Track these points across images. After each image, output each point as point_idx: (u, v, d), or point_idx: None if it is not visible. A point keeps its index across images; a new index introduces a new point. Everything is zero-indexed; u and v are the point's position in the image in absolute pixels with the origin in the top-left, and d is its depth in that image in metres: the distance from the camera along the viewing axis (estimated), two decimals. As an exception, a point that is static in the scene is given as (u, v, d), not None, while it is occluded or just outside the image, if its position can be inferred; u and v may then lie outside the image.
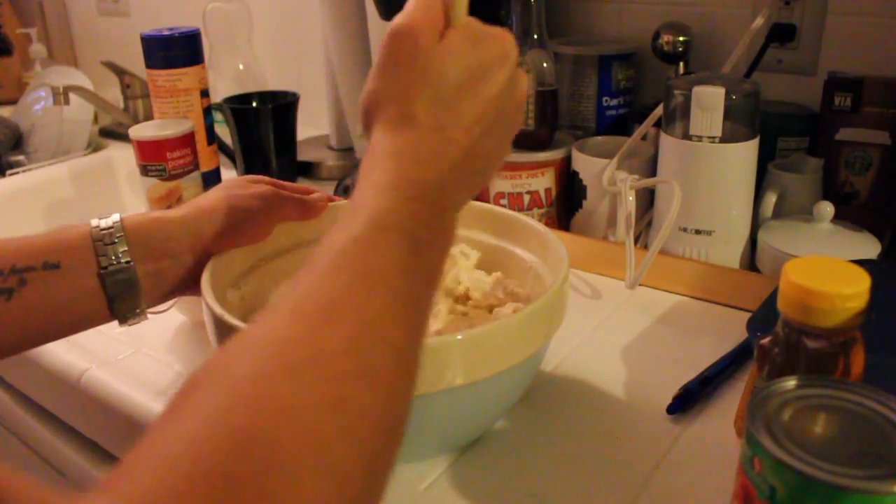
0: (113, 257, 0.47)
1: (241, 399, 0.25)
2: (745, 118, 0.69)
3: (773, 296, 0.43)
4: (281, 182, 0.58)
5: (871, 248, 0.66)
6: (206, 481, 0.22)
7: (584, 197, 0.81)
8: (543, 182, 0.82)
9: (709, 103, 0.67)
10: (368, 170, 0.37)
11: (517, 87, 0.42)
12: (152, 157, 0.80)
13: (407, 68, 0.38)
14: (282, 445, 0.24)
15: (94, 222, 0.48)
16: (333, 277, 0.31)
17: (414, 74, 0.38)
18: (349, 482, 0.26)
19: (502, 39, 0.41)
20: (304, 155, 1.08)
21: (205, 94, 0.91)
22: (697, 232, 0.72)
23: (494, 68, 0.40)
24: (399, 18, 0.39)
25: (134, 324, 0.50)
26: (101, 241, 0.47)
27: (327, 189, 0.64)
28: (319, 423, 0.26)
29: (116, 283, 0.48)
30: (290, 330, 0.29)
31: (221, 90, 1.11)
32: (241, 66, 1.18)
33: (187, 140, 0.82)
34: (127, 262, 0.48)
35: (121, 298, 0.48)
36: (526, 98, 0.44)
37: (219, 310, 0.46)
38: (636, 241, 0.76)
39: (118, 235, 0.48)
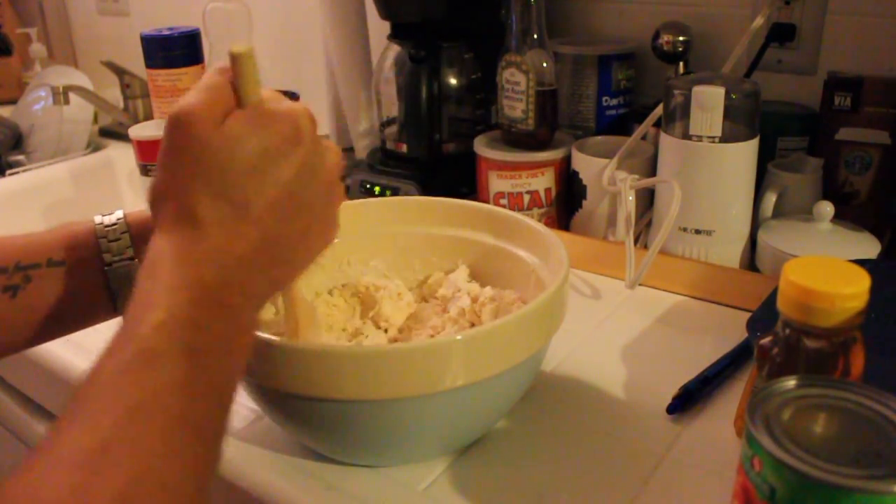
0: (116, 253, 0.47)
1: None
2: (745, 118, 0.69)
3: (773, 296, 0.43)
4: None
5: (871, 248, 0.66)
6: None
7: (584, 197, 0.81)
8: (543, 182, 0.82)
9: (709, 103, 0.67)
10: (145, 276, 0.35)
11: (321, 164, 0.39)
12: (152, 157, 0.80)
13: (182, 159, 0.36)
14: None
15: (98, 219, 0.48)
16: (102, 415, 0.29)
17: (191, 166, 0.35)
18: None
19: (293, 117, 0.38)
20: (304, 155, 1.07)
21: (205, 94, 0.91)
22: (697, 232, 0.72)
23: (284, 150, 0.37)
24: (177, 103, 0.36)
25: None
26: (105, 238, 0.47)
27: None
28: None
29: (121, 280, 0.48)
30: (52, 487, 0.26)
31: (221, 90, 1.10)
32: (241, 66, 1.17)
33: (187, 140, 0.82)
34: (131, 259, 0.48)
35: (125, 294, 0.48)
36: (338, 171, 0.41)
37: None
38: (636, 241, 0.76)
39: (122, 232, 0.48)
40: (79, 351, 0.64)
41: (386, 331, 0.59)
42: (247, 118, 0.37)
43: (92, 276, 0.47)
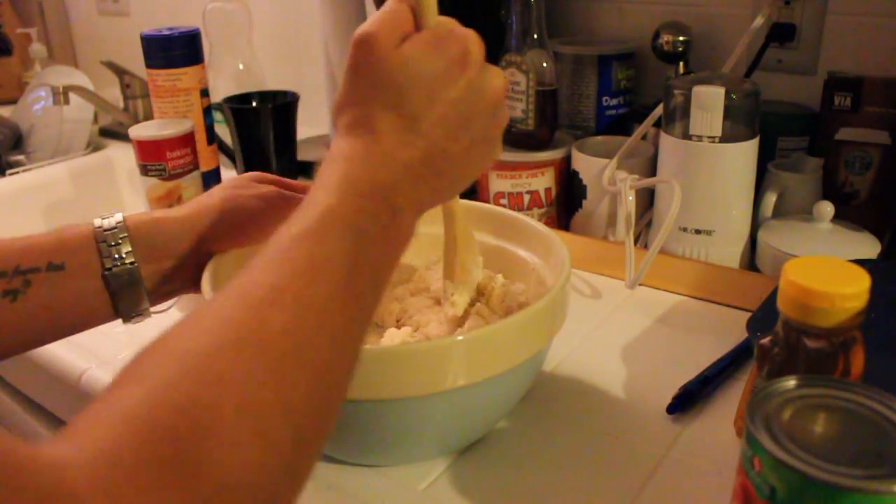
0: (116, 257, 0.47)
1: (187, 370, 0.28)
2: (745, 118, 0.69)
3: (773, 296, 0.43)
4: (284, 180, 0.58)
5: (871, 248, 0.66)
6: (154, 439, 0.25)
7: (584, 197, 0.81)
8: (543, 182, 0.82)
9: (709, 103, 0.67)
10: (322, 172, 0.39)
11: (487, 86, 0.42)
12: (152, 157, 0.80)
13: (363, 75, 0.40)
14: (222, 412, 0.27)
15: (98, 222, 0.48)
16: (279, 267, 0.33)
17: (369, 81, 0.39)
18: (279, 449, 0.29)
19: (464, 41, 0.41)
20: (304, 155, 1.07)
21: (205, 93, 0.91)
22: (697, 232, 0.72)
23: (454, 71, 0.40)
24: (362, 26, 0.40)
25: (137, 322, 0.50)
26: (104, 242, 0.47)
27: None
28: (256, 395, 0.28)
29: (120, 283, 0.48)
30: (235, 310, 0.31)
31: (221, 90, 1.11)
32: (241, 66, 1.18)
33: (187, 140, 0.82)
34: (131, 262, 0.48)
35: (124, 298, 0.48)
36: (503, 94, 0.44)
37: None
38: (636, 240, 0.76)
39: (121, 236, 0.48)
40: (79, 351, 0.64)
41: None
42: (422, 41, 0.40)
43: (92, 279, 0.47)
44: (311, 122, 1.15)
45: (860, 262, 0.40)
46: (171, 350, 0.29)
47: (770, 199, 0.73)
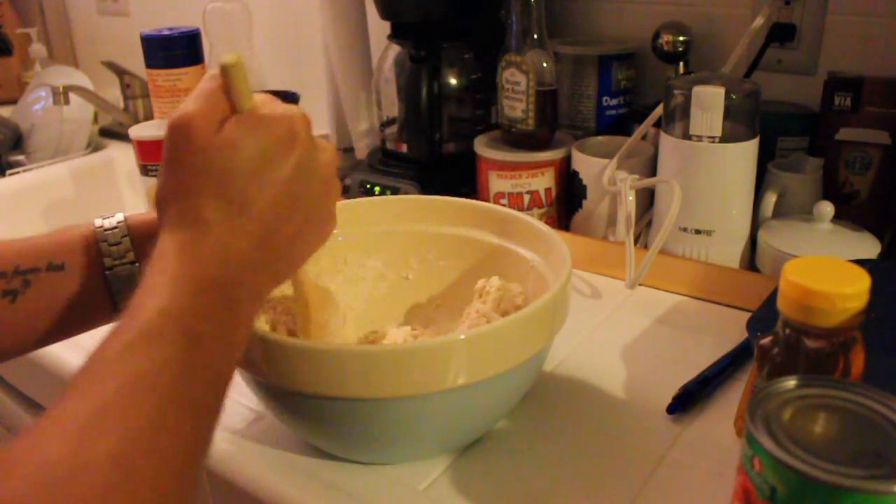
0: (117, 257, 0.47)
1: None
2: (745, 118, 0.69)
3: (773, 296, 0.43)
4: None
5: (871, 248, 0.66)
6: None
7: (584, 197, 0.81)
8: (543, 182, 0.82)
9: (709, 103, 0.67)
10: (150, 272, 0.36)
11: (316, 163, 0.41)
12: (152, 157, 0.80)
13: (184, 164, 0.38)
14: None
15: (98, 222, 0.48)
16: (102, 386, 0.30)
17: (192, 168, 0.37)
18: None
19: (288, 120, 0.40)
20: (304, 155, 1.07)
21: (205, 93, 0.91)
22: (697, 232, 0.72)
23: (281, 152, 0.39)
24: (176, 112, 0.38)
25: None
26: (105, 242, 0.47)
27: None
28: None
29: (121, 283, 0.48)
30: (52, 445, 0.28)
31: (221, 90, 1.11)
32: (241, 66, 1.18)
33: (187, 140, 0.82)
34: (131, 262, 0.48)
35: (125, 298, 0.48)
36: (333, 168, 0.43)
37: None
38: (636, 241, 0.76)
39: (122, 235, 0.48)
40: (79, 351, 0.64)
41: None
42: (243, 123, 0.39)
43: (92, 279, 0.47)
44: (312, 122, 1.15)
45: (860, 262, 0.40)
46: None
47: (770, 199, 0.73)
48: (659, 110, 0.75)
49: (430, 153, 0.88)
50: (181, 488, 0.31)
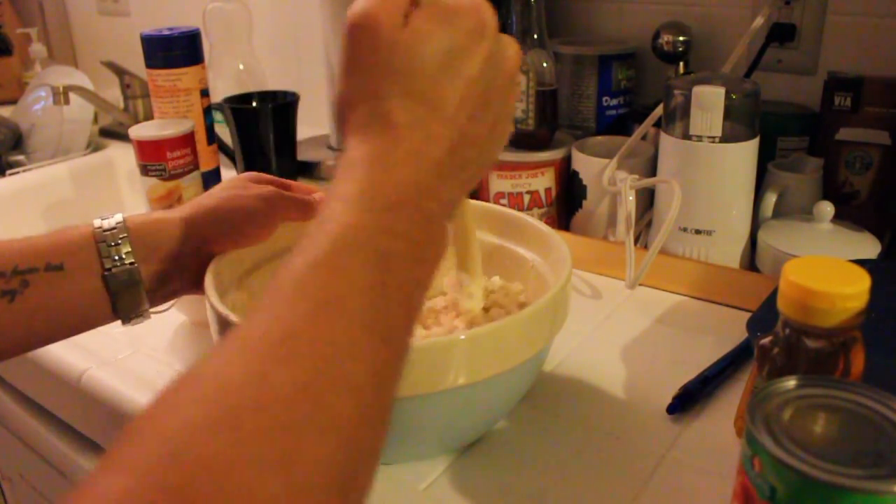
0: (116, 258, 0.47)
1: (176, 452, 0.23)
2: (745, 118, 0.69)
3: (773, 296, 0.43)
4: (283, 181, 0.58)
5: (871, 248, 0.66)
6: None
7: (584, 197, 0.81)
8: (543, 182, 0.82)
9: (709, 103, 0.67)
10: (338, 180, 0.34)
11: (504, 57, 0.38)
12: (152, 157, 0.80)
13: (371, 63, 0.35)
14: None
15: (97, 223, 0.48)
16: (290, 308, 0.29)
17: (380, 68, 0.35)
18: None
19: (476, 10, 0.36)
20: (304, 155, 1.07)
21: (205, 93, 0.91)
22: (697, 232, 0.72)
23: (471, 44, 0.36)
24: (356, 7, 0.35)
25: (137, 323, 0.50)
26: (104, 242, 0.47)
27: (328, 189, 0.64)
28: (262, 482, 0.23)
29: (120, 284, 0.47)
30: (236, 369, 0.26)
31: (221, 90, 1.11)
32: (241, 66, 1.18)
33: (187, 140, 0.82)
34: (130, 264, 0.48)
35: (124, 299, 0.48)
36: (518, 64, 0.39)
37: (223, 310, 0.46)
38: (636, 241, 0.76)
39: (121, 236, 0.48)
40: (79, 351, 0.64)
41: None
42: (430, 15, 0.36)
43: (91, 280, 0.47)
44: (311, 122, 1.15)
45: (860, 262, 0.40)
46: (159, 425, 0.25)
47: (770, 199, 0.73)
48: (659, 110, 0.75)
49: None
50: (373, 421, 0.29)
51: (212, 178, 0.93)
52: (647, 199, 0.79)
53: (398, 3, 0.36)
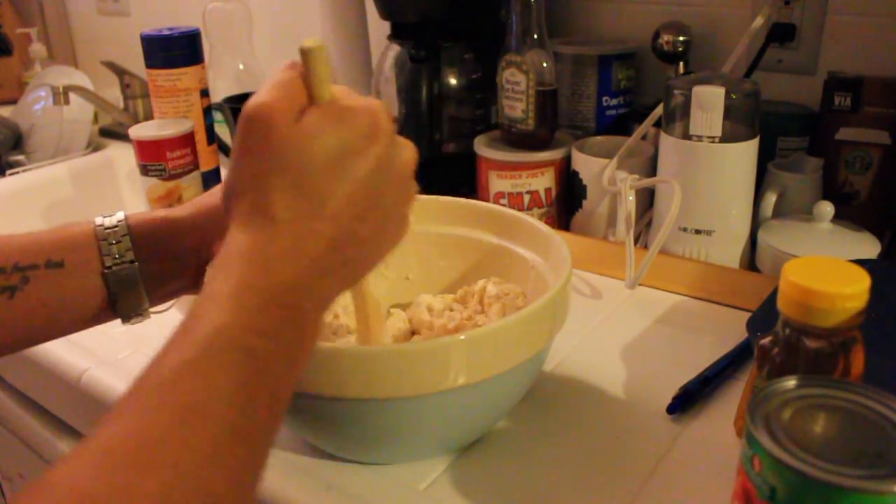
0: (117, 256, 0.47)
1: None
2: (745, 118, 0.69)
3: (773, 296, 0.43)
4: None
5: (871, 248, 0.66)
6: None
7: (584, 197, 0.81)
8: (543, 182, 0.82)
9: (709, 103, 0.67)
10: (214, 275, 0.34)
11: (396, 160, 0.39)
12: (152, 157, 0.80)
13: (259, 156, 0.35)
14: None
15: (99, 220, 0.48)
16: (153, 415, 0.28)
17: (268, 161, 0.35)
18: None
19: (371, 113, 0.38)
20: (304, 155, 1.07)
21: (205, 93, 0.91)
22: (697, 232, 0.72)
23: (362, 146, 0.37)
24: (252, 100, 0.36)
25: (136, 323, 0.50)
26: (105, 240, 0.47)
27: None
28: None
29: (120, 283, 0.47)
30: (94, 482, 0.26)
31: (221, 90, 1.11)
32: (241, 66, 1.18)
33: (187, 140, 0.82)
34: (131, 262, 0.47)
35: (124, 297, 0.48)
36: (412, 168, 0.40)
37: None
38: (636, 241, 0.76)
39: (122, 234, 0.48)
40: (79, 351, 0.64)
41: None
42: (324, 113, 0.37)
43: (91, 278, 0.47)
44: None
45: (860, 262, 0.40)
46: None
47: (770, 199, 0.73)
48: (659, 110, 0.75)
49: (429, 153, 0.88)
50: None
51: (212, 178, 0.93)
52: (647, 199, 0.79)
53: (295, 99, 0.36)
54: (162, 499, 0.26)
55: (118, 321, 0.50)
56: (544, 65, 0.80)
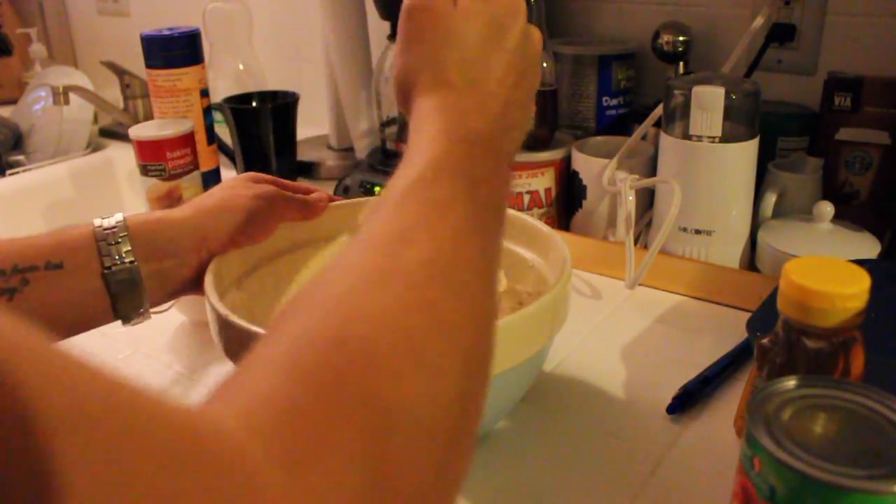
0: (116, 257, 0.47)
1: (334, 310, 0.27)
2: (745, 118, 0.69)
3: (773, 296, 0.43)
4: (282, 181, 0.58)
5: (871, 248, 0.66)
6: (312, 380, 0.24)
7: (584, 197, 0.81)
8: (543, 182, 0.82)
9: (709, 103, 0.67)
10: (417, 128, 0.38)
11: (532, 38, 0.44)
12: (152, 157, 0.80)
13: (431, 38, 0.40)
14: (378, 345, 0.25)
15: (98, 222, 0.48)
16: (401, 210, 0.32)
17: (438, 42, 0.40)
18: (446, 378, 0.27)
19: None
20: (304, 155, 1.07)
21: (205, 94, 0.91)
22: (697, 232, 0.72)
23: (509, 22, 0.42)
24: None
25: (137, 323, 0.50)
26: (104, 241, 0.47)
27: (327, 189, 0.64)
28: (412, 324, 0.27)
29: (120, 284, 0.47)
30: (369, 255, 0.30)
31: (221, 90, 1.11)
32: (241, 66, 1.18)
33: (187, 140, 0.82)
34: (130, 263, 0.48)
35: (124, 299, 0.48)
36: (542, 45, 0.45)
37: (223, 310, 0.46)
38: (636, 241, 0.76)
39: (122, 235, 0.48)
40: (78, 351, 0.64)
41: None
42: None
43: (91, 279, 0.47)
44: (311, 122, 1.15)
45: (860, 262, 0.40)
46: (310, 300, 0.28)
47: (770, 199, 0.73)
48: (659, 110, 0.75)
49: (430, 153, 0.88)
50: (490, 295, 0.33)
51: (212, 178, 0.93)
52: (647, 199, 0.79)
53: None
54: (428, 260, 0.30)
55: (118, 322, 0.50)
56: (544, 65, 0.80)
